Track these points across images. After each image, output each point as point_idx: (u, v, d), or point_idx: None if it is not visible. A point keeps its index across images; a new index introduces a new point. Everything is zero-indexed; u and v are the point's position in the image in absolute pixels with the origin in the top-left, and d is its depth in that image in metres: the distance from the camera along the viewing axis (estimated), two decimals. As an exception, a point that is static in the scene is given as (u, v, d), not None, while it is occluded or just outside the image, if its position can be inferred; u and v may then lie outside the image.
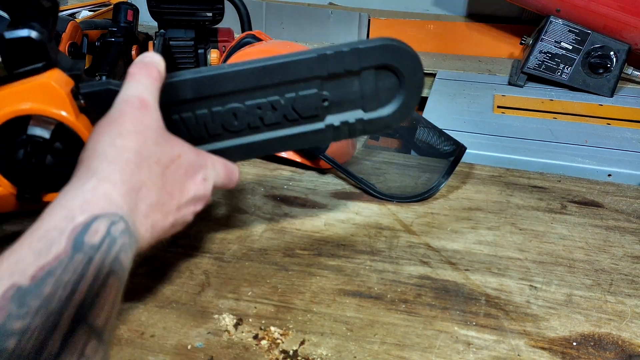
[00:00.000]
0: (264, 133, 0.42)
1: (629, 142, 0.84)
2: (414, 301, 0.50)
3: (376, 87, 0.42)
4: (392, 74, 0.42)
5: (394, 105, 0.43)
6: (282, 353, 0.44)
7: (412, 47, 0.42)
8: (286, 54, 0.40)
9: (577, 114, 0.97)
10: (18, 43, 0.31)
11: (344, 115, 0.43)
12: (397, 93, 0.43)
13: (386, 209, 0.65)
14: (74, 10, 1.48)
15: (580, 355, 0.44)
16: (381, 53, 0.41)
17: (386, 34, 1.51)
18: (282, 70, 0.40)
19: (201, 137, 0.40)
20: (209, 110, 0.39)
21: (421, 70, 0.42)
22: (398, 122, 0.44)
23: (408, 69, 0.41)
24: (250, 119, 0.41)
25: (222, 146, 0.41)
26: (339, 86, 0.42)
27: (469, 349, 0.44)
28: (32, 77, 0.32)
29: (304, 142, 0.44)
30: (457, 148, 0.69)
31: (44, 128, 0.33)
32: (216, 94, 0.39)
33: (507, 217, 0.64)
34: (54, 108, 0.33)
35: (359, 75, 0.41)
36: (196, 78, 0.38)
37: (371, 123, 0.44)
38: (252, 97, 0.40)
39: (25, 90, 0.32)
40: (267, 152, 0.44)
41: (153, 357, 0.43)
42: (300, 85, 0.40)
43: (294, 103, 0.41)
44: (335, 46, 0.40)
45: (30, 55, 0.32)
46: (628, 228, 0.62)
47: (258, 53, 0.78)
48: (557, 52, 1.08)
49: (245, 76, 0.39)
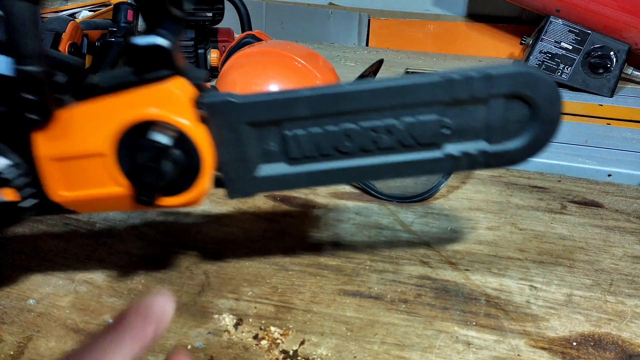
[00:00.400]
0: (376, 157, 0.40)
1: (629, 142, 0.84)
2: (414, 301, 0.50)
3: (505, 118, 0.38)
4: (525, 104, 0.38)
5: (524, 139, 0.39)
6: (282, 353, 0.44)
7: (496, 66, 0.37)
8: (408, 76, 0.38)
9: (577, 114, 0.97)
10: (147, 50, 0.32)
11: (465, 146, 0.40)
12: (528, 126, 0.39)
13: (386, 209, 0.65)
14: (74, 10, 1.48)
15: (580, 355, 0.44)
16: (515, 81, 0.37)
17: (386, 34, 1.51)
18: (402, 92, 0.37)
19: (312, 155, 0.39)
20: (322, 129, 0.38)
21: (560, 102, 0.38)
22: (527, 159, 0.40)
23: (544, 100, 0.38)
24: (364, 141, 0.39)
25: (331, 167, 0.40)
26: (463, 113, 0.38)
27: (469, 349, 0.44)
28: (158, 83, 0.33)
29: (417, 170, 0.41)
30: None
31: (165, 135, 0.33)
32: (332, 113, 0.38)
33: (507, 217, 0.64)
34: (177, 116, 0.34)
35: (486, 103, 0.38)
36: (314, 95, 0.37)
37: (496, 157, 0.40)
38: (367, 119, 0.38)
39: (151, 96, 0.33)
40: (376, 178, 0.42)
41: (153, 357, 0.43)
42: (420, 109, 0.38)
43: (412, 128, 0.38)
44: (462, 70, 0.37)
45: (158, 62, 0.33)
46: (628, 228, 0.62)
47: (258, 53, 0.78)
48: (557, 52, 1.08)
49: (364, 96, 0.37)
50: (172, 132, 0.34)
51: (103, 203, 0.38)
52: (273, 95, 0.37)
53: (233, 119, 0.37)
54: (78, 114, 0.35)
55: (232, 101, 0.36)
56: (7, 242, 0.58)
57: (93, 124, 0.35)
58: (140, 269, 0.53)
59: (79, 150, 0.35)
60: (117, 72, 0.36)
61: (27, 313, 0.48)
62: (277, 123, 0.38)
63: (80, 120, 0.35)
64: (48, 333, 0.45)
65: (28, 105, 0.33)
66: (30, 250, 0.56)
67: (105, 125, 0.34)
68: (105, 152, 0.35)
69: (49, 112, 0.34)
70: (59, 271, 0.53)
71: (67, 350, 0.44)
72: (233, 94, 0.36)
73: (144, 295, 0.50)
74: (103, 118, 0.34)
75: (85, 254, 0.55)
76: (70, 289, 0.51)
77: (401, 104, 0.38)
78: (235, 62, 0.78)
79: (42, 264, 0.54)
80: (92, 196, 0.37)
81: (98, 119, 0.34)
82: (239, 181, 0.40)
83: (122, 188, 0.36)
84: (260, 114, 0.37)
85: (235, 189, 0.40)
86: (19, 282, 0.52)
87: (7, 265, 0.54)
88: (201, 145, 0.35)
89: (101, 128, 0.34)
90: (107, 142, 0.35)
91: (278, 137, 0.38)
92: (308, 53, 0.78)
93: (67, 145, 0.35)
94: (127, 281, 0.52)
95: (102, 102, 0.34)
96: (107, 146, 0.35)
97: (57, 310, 0.48)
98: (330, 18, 1.51)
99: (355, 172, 0.40)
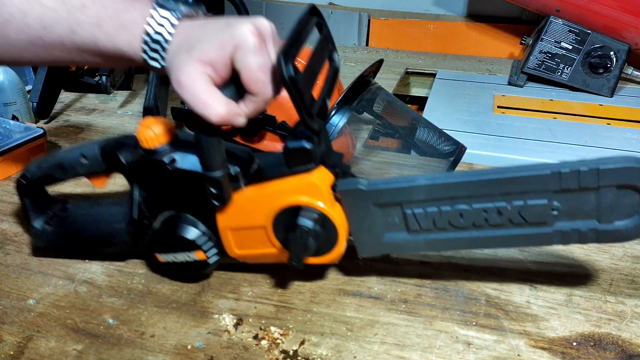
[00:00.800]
0: (486, 231, 0.44)
1: (629, 142, 0.84)
2: (414, 301, 0.50)
3: (616, 202, 0.40)
4: (636, 192, 0.40)
5: (635, 221, 0.41)
6: (282, 353, 0.44)
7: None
8: (517, 167, 0.41)
9: (577, 114, 0.97)
10: (296, 150, 0.43)
11: (575, 224, 0.42)
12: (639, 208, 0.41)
13: (386, 209, 0.65)
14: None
15: (580, 355, 0.44)
16: (625, 174, 0.39)
17: (386, 33, 1.51)
18: (513, 183, 0.41)
19: (428, 228, 0.45)
20: (438, 209, 0.44)
21: None
22: (636, 238, 0.42)
23: None
24: (476, 218, 0.43)
25: (446, 237, 0.45)
26: (573, 199, 0.41)
27: (469, 349, 0.44)
28: (305, 174, 0.44)
29: (526, 243, 0.45)
30: (457, 148, 0.69)
31: (310, 219, 0.43)
32: (446, 198, 0.43)
33: (507, 217, 0.64)
34: (319, 201, 0.44)
35: (596, 190, 0.40)
36: (431, 185, 0.43)
37: (605, 234, 0.42)
38: (479, 201, 0.43)
39: (300, 186, 0.44)
40: (488, 247, 0.46)
41: (153, 357, 0.43)
42: (529, 195, 0.41)
43: (521, 210, 0.42)
44: (571, 163, 0.39)
45: (304, 159, 0.43)
46: (628, 228, 0.62)
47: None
48: (557, 52, 1.08)
49: (475, 186, 0.42)
50: (315, 215, 0.44)
51: (264, 258, 0.49)
52: (395, 184, 0.44)
53: (362, 201, 0.45)
54: (247, 197, 0.45)
55: (361, 189, 0.44)
56: (7, 242, 0.58)
57: (258, 205, 0.45)
58: (140, 269, 0.53)
59: (247, 223, 0.46)
60: (272, 158, 0.46)
61: (27, 313, 0.48)
62: (399, 204, 0.45)
63: (249, 202, 0.46)
64: (48, 333, 0.45)
65: (213, 196, 0.44)
66: (30, 250, 0.56)
67: (266, 206, 0.45)
68: (266, 225, 0.46)
69: (227, 200, 0.45)
70: (59, 271, 0.53)
71: (67, 350, 0.44)
72: (362, 181, 0.45)
73: (143, 295, 0.50)
74: (265, 201, 0.45)
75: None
76: (70, 289, 0.51)
77: (511, 192, 0.42)
78: (235, 62, 0.78)
79: (42, 264, 0.54)
80: (256, 254, 0.48)
81: (261, 202, 0.45)
82: (367, 245, 0.48)
83: (277, 250, 0.47)
84: (384, 198, 0.45)
85: (364, 250, 0.48)
86: (19, 282, 0.52)
87: (7, 265, 0.54)
88: (337, 221, 0.45)
89: (264, 208, 0.45)
90: (267, 219, 0.45)
91: (400, 214, 0.45)
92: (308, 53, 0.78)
93: (239, 219, 0.46)
94: (127, 281, 0.52)
95: (265, 189, 0.45)
96: (267, 221, 0.46)
97: (57, 310, 0.48)
98: (331, 18, 1.51)
99: (467, 241, 0.45)
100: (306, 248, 0.44)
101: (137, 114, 0.94)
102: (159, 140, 0.45)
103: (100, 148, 0.49)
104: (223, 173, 0.43)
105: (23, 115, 0.87)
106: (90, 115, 0.93)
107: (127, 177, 0.48)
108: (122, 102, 0.99)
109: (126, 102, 1.00)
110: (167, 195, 0.47)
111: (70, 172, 0.50)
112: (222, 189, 0.44)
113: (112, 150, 0.48)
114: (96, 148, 0.49)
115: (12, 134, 0.75)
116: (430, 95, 1.06)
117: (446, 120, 0.92)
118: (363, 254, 0.48)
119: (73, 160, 0.50)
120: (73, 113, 0.94)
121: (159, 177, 0.46)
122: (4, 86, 0.84)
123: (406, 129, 0.78)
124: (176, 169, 0.45)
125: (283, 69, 0.37)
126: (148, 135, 0.45)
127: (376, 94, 0.77)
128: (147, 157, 0.46)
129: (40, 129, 0.74)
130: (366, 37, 1.52)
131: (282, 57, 0.37)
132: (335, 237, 0.46)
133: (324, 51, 0.46)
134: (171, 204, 0.48)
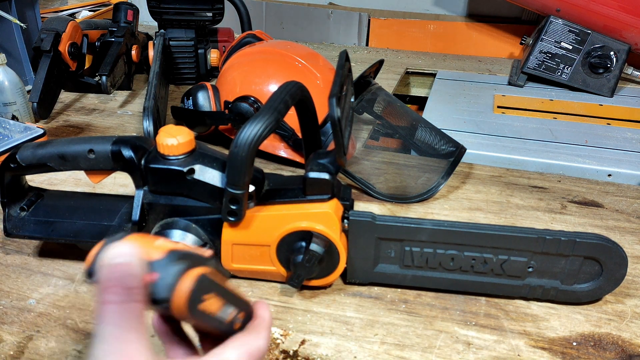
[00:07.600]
0: (469, 275, 0.49)
1: (629, 142, 0.84)
2: (414, 301, 0.50)
3: (579, 270, 0.47)
4: (598, 264, 0.47)
5: (590, 286, 0.48)
6: (282, 353, 0.44)
7: None
8: (511, 227, 0.47)
9: (577, 114, 0.97)
10: (318, 181, 0.46)
11: (542, 281, 0.49)
12: (596, 278, 0.48)
13: (386, 209, 0.65)
14: (74, 10, 1.48)
15: (580, 355, 0.44)
16: (595, 249, 0.46)
17: (386, 34, 1.51)
18: (505, 240, 0.47)
19: (420, 266, 0.49)
20: (434, 250, 0.48)
21: (625, 268, 0.47)
22: (589, 300, 0.49)
23: (614, 266, 0.47)
24: (463, 264, 0.48)
25: (432, 275, 0.50)
26: (547, 261, 0.47)
27: (469, 349, 0.44)
28: (320, 203, 0.47)
29: (499, 291, 0.50)
30: (457, 149, 0.69)
31: (321, 246, 0.46)
32: (445, 242, 0.48)
33: (507, 217, 0.64)
34: (330, 230, 0.47)
35: (567, 257, 0.47)
36: (436, 229, 0.47)
37: (564, 294, 0.49)
38: (470, 250, 0.48)
39: (316, 213, 0.47)
40: (466, 289, 0.50)
41: (153, 357, 0.43)
42: (514, 252, 0.47)
43: (504, 263, 0.48)
44: (553, 232, 0.47)
45: (323, 190, 0.47)
46: (628, 228, 0.62)
47: (259, 52, 0.78)
48: (557, 52, 1.07)
49: (473, 237, 0.47)
50: (325, 242, 0.47)
51: (258, 274, 0.51)
52: (403, 222, 0.48)
53: (368, 233, 0.48)
54: (258, 216, 0.47)
55: (372, 222, 0.47)
56: (7, 241, 0.58)
57: (267, 224, 0.47)
58: (140, 269, 0.53)
59: (253, 240, 0.48)
60: (280, 181, 0.50)
61: (27, 313, 0.48)
62: (401, 240, 0.48)
63: (259, 221, 0.47)
64: (48, 333, 0.45)
65: (230, 211, 0.46)
66: (30, 250, 0.56)
67: (277, 227, 0.47)
68: (271, 244, 0.48)
69: (242, 217, 0.46)
70: (59, 271, 0.53)
71: (67, 350, 0.44)
72: (374, 215, 0.48)
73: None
74: (276, 222, 0.47)
75: (85, 254, 0.55)
76: (70, 289, 0.51)
77: (502, 246, 0.47)
78: (236, 62, 0.78)
79: (42, 264, 0.54)
80: (253, 269, 0.50)
81: (272, 222, 0.47)
82: (359, 272, 0.51)
83: (275, 268, 0.49)
84: (391, 233, 0.48)
85: (355, 276, 0.51)
86: (19, 282, 0.52)
87: (7, 265, 0.54)
88: (341, 250, 0.48)
89: (274, 228, 0.47)
90: (274, 239, 0.47)
91: (399, 249, 0.49)
92: (308, 53, 0.78)
93: (246, 236, 0.48)
94: (127, 281, 0.52)
95: (276, 210, 0.47)
96: (273, 241, 0.48)
97: (57, 310, 0.48)
98: (330, 18, 1.51)
99: (449, 282, 0.50)
100: (311, 272, 0.47)
101: (137, 114, 0.94)
102: (181, 150, 0.46)
103: (111, 146, 0.47)
104: (245, 191, 0.44)
105: (23, 115, 0.87)
106: (90, 115, 0.93)
107: (136, 179, 0.48)
108: (122, 102, 0.99)
109: (126, 102, 1.00)
110: (177, 203, 0.48)
111: (70, 164, 0.49)
112: (241, 205, 0.45)
113: (127, 151, 0.47)
114: (108, 145, 0.48)
115: (12, 134, 0.75)
116: (430, 95, 1.06)
117: (446, 120, 0.92)
118: (353, 279, 0.51)
119: (77, 153, 0.48)
120: (73, 113, 0.94)
121: (173, 184, 0.47)
122: (4, 86, 0.84)
123: (406, 129, 0.78)
124: (194, 179, 0.46)
125: (334, 110, 0.42)
126: (170, 142, 0.45)
127: (376, 94, 0.77)
128: (165, 163, 0.46)
129: (40, 128, 0.74)
130: (366, 37, 1.52)
131: (335, 100, 0.42)
132: (335, 264, 0.48)
133: (348, 93, 0.52)
134: (178, 212, 0.48)
